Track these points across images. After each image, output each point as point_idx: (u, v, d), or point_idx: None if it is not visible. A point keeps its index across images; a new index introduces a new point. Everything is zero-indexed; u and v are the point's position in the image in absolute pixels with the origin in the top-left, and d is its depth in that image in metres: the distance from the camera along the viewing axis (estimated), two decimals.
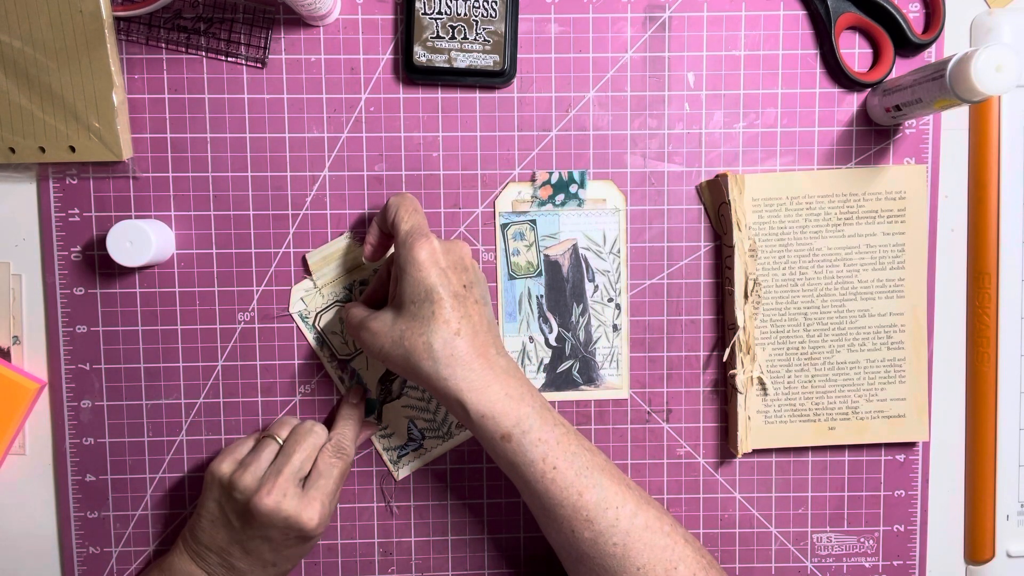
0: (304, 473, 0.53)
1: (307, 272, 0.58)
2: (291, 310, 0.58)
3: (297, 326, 0.59)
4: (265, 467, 0.52)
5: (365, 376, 0.59)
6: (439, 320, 0.48)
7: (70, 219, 0.57)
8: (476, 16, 0.55)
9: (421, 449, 0.60)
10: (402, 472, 0.60)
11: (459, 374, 0.48)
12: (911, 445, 0.61)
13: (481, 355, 0.49)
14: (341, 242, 0.58)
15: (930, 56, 0.58)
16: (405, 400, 0.59)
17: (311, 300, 0.58)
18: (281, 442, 0.54)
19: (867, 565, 0.61)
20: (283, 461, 0.52)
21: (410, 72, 0.56)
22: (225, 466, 0.53)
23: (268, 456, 0.53)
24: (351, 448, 0.55)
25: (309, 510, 0.51)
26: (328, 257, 0.58)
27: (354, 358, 0.59)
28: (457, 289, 0.49)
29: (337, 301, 0.59)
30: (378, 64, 0.57)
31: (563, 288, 0.59)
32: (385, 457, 0.60)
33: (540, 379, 0.59)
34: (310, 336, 0.59)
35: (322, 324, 0.59)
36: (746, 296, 0.57)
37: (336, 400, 0.59)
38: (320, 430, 0.55)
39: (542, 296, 0.59)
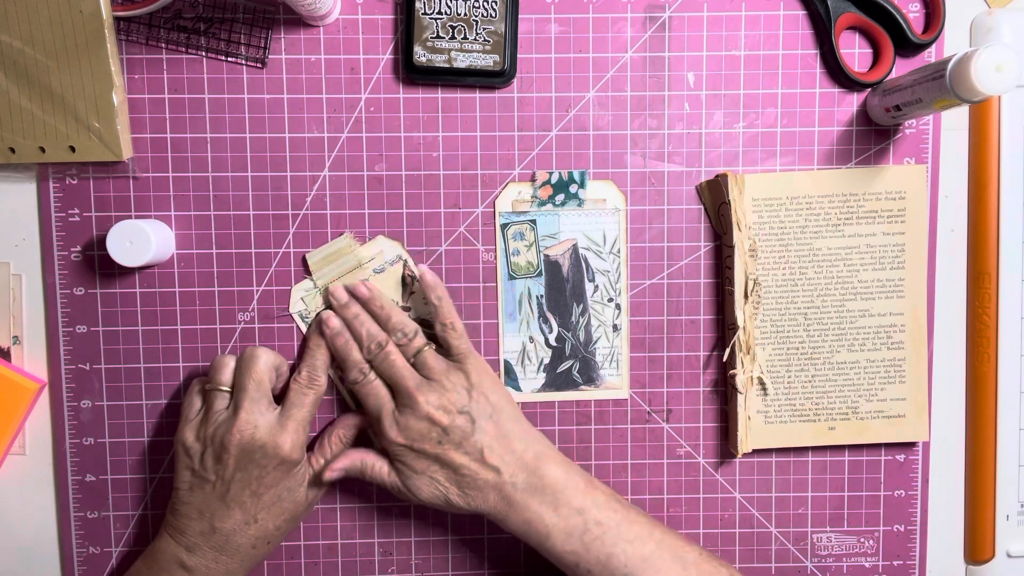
0: (266, 394, 0.53)
1: (307, 272, 0.58)
2: (291, 310, 0.58)
3: (297, 326, 0.59)
4: (226, 412, 0.53)
5: None
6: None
7: (70, 219, 0.57)
8: (476, 16, 0.55)
9: None
10: None
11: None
12: (911, 445, 0.61)
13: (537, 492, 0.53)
14: (341, 242, 0.58)
15: (930, 56, 0.58)
16: None
17: (311, 300, 0.58)
18: (228, 389, 0.54)
19: (867, 565, 0.61)
20: (240, 397, 0.53)
21: (410, 72, 0.56)
22: (189, 432, 0.54)
23: (222, 403, 0.54)
24: (323, 377, 0.55)
25: (282, 435, 0.53)
26: (328, 257, 0.58)
27: None
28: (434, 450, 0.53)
29: None
30: (378, 64, 0.57)
31: (563, 288, 0.59)
32: None
33: (540, 379, 0.59)
34: None
35: None
36: (746, 296, 0.57)
37: (335, 399, 0.59)
38: (263, 352, 0.54)
39: (542, 296, 0.59)
